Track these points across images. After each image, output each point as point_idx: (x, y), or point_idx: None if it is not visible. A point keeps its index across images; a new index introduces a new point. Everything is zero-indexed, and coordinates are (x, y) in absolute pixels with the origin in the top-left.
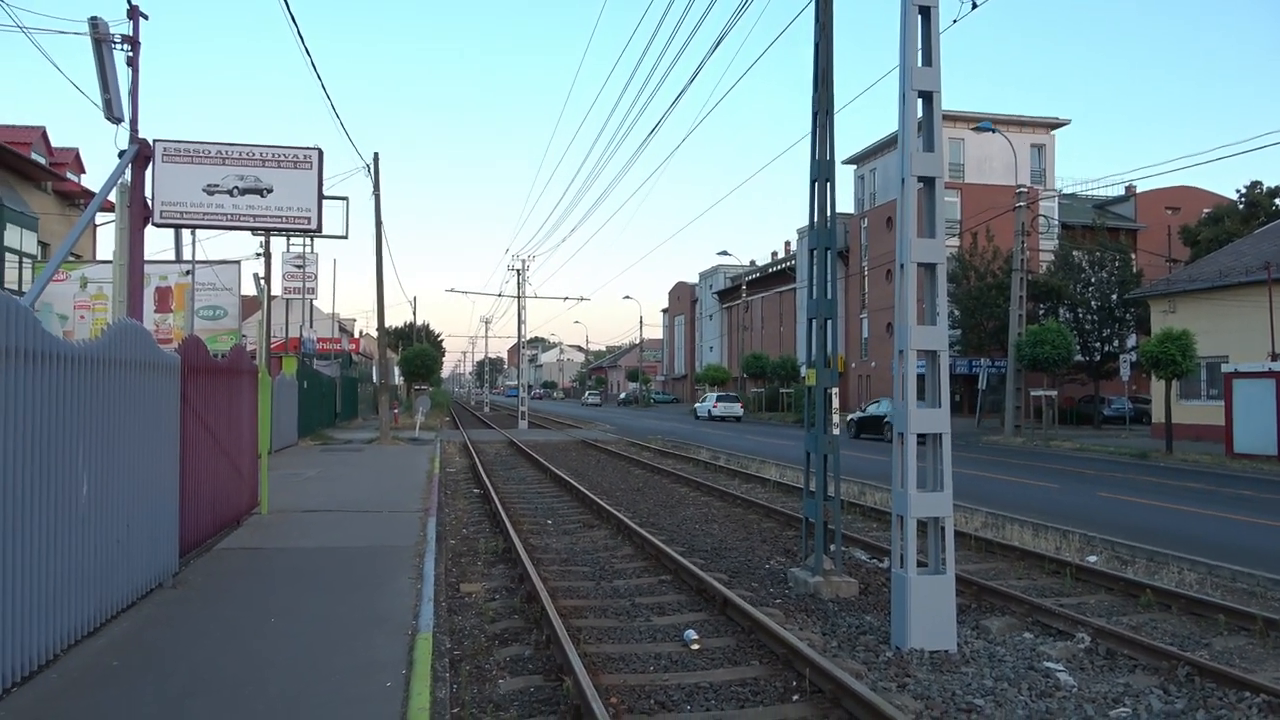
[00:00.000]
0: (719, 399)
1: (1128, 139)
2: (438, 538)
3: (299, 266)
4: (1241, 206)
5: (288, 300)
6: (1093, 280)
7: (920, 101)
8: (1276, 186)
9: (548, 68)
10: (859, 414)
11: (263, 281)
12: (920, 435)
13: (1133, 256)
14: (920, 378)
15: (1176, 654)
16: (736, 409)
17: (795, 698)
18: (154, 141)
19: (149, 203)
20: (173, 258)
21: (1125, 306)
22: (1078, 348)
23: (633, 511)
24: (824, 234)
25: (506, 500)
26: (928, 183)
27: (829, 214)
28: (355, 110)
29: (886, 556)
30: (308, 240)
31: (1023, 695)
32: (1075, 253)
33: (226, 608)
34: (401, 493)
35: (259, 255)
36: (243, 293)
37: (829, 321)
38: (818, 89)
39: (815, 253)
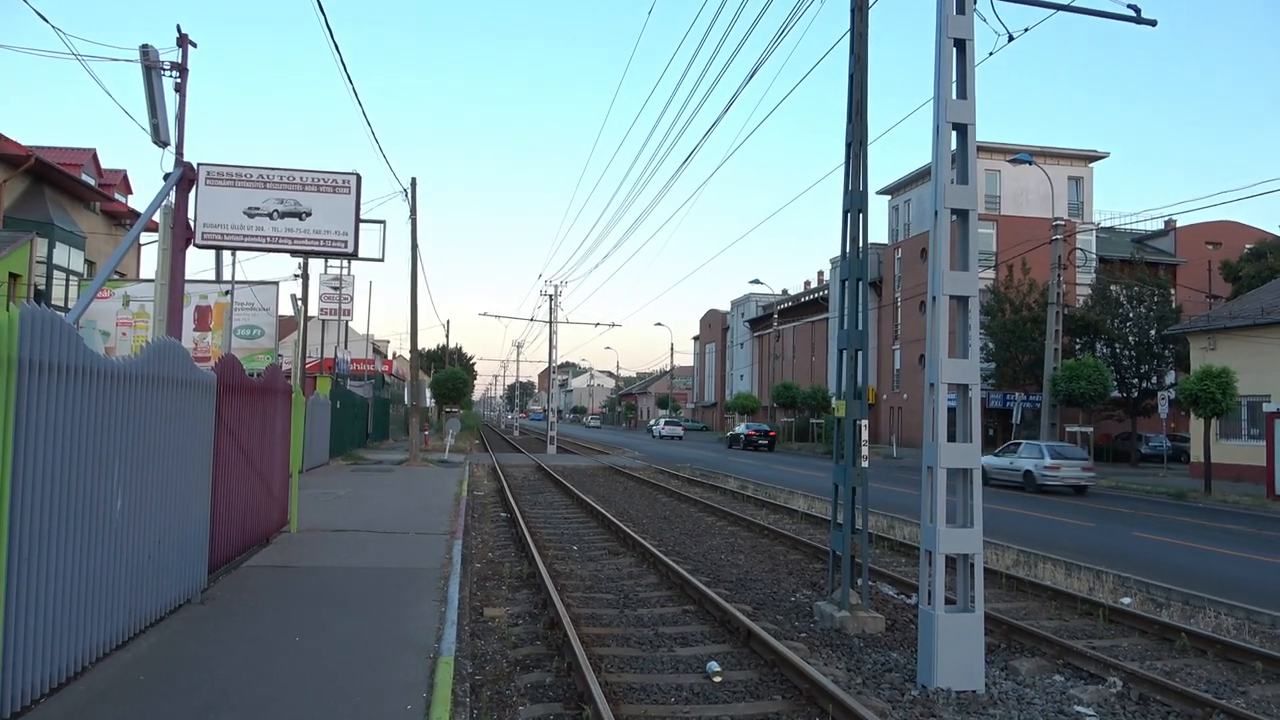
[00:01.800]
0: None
1: (1168, 173)
2: (463, 560)
3: (335, 288)
4: None
5: (323, 321)
6: (1131, 315)
7: (954, 134)
8: None
9: (585, 95)
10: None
11: (299, 302)
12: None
13: (1172, 292)
14: (951, 411)
15: (1212, 701)
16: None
17: None
18: (198, 165)
19: (191, 224)
20: (213, 278)
21: (1164, 342)
22: (1115, 383)
23: (658, 539)
24: (855, 265)
25: (533, 525)
26: (961, 215)
27: (861, 245)
28: (394, 135)
29: (914, 592)
30: (345, 262)
31: None
32: (1113, 287)
33: (253, 625)
34: (429, 514)
35: (297, 277)
36: (280, 313)
37: (859, 353)
38: (851, 120)
39: (847, 283)
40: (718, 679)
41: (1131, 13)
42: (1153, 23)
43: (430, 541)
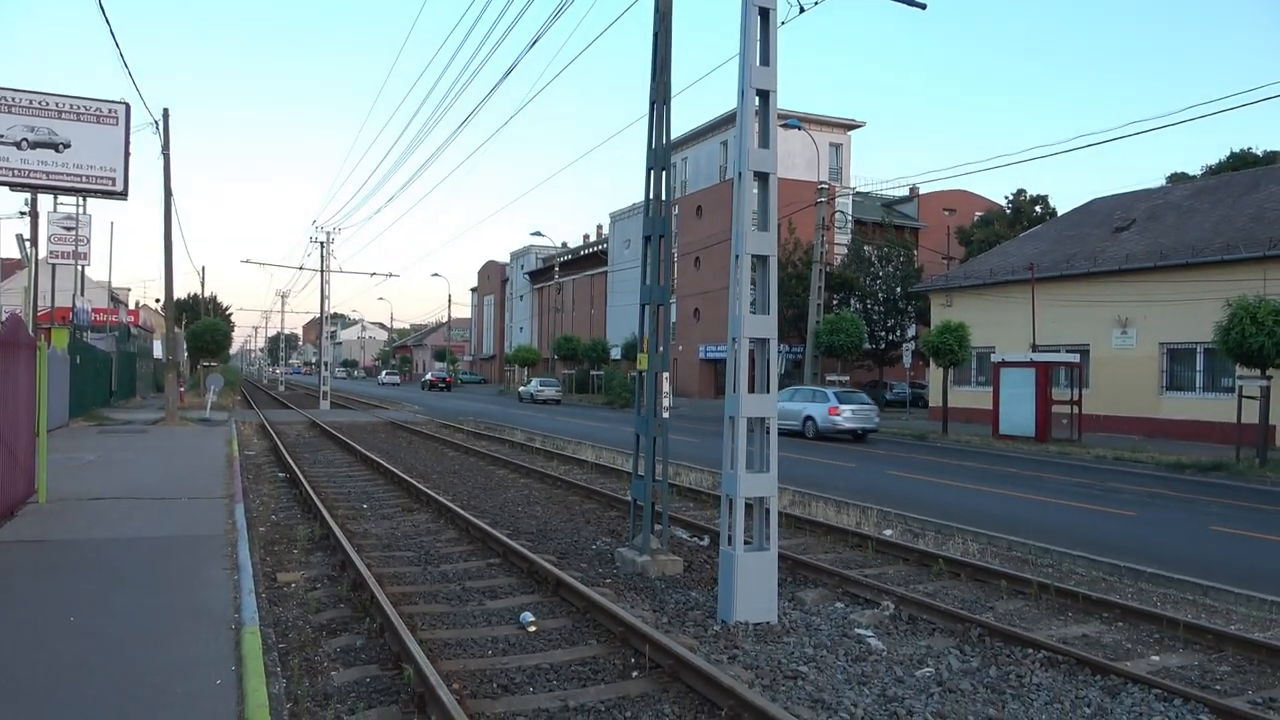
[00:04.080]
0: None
1: (913, 143)
2: (248, 525)
3: (69, 228)
4: (1009, 211)
5: (55, 265)
6: (880, 274)
7: (758, 100)
8: (1037, 195)
9: (369, 38)
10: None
11: (29, 244)
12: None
13: (915, 253)
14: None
15: (968, 617)
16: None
17: (635, 674)
18: None
19: None
20: None
21: (908, 299)
22: (866, 336)
23: (452, 494)
24: (658, 221)
25: (317, 484)
26: (762, 178)
27: (664, 201)
28: (147, 66)
29: (704, 534)
30: (80, 199)
31: (840, 660)
32: (866, 247)
33: (14, 607)
34: (198, 477)
35: (23, 214)
36: (0, 255)
37: (661, 307)
38: (656, 77)
39: (649, 240)
40: (532, 629)
41: None
42: (923, 6)
43: (206, 506)
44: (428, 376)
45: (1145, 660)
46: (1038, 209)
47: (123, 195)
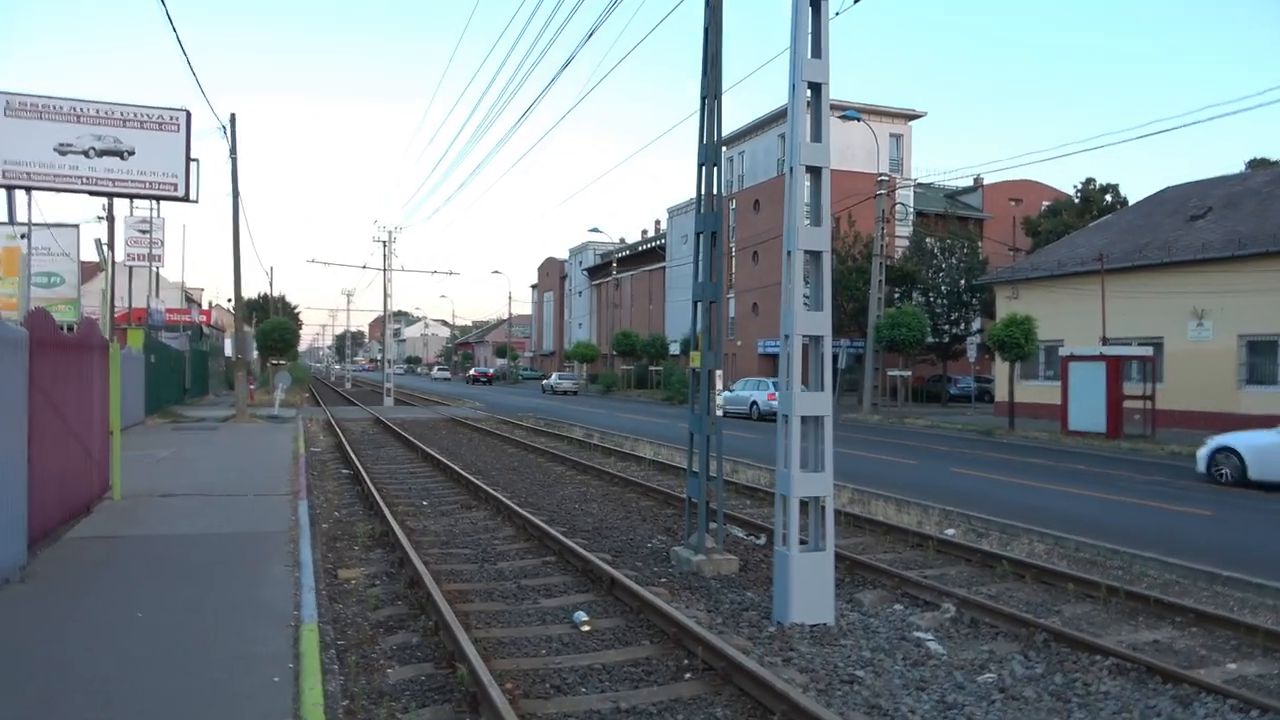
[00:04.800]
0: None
1: (977, 133)
2: (311, 522)
3: (144, 232)
4: (1077, 201)
5: (131, 268)
6: (943, 266)
7: (809, 92)
8: (1107, 184)
9: (426, 36)
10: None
11: (105, 247)
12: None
13: (980, 244)
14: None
15: (1033, 621)
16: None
17: (688, 676)
18: None
19: None
20: (4, 219)
21: (972, 292)
22: (930, 330)
23: (510, 491)
24: (710, 217)
25: (379, 481)
26: (814, 172)
27: (716, 197)
28: (212, 68)
29: (762, 533)
30: (154, 204)
31: (898, 665)
32: (929, 240)
33: (86, 602)
34: (266, 474)
35: (101, 219)
36: (82, 258)
37: (713, 304)
38: (706, 72)
39: (701, 236)
40: (586, 628)
41: None
42: None
43: (272, 503)
44: (471, 372)
45: (1221, 669)
46: (1108, 198)
47: (185, 198)
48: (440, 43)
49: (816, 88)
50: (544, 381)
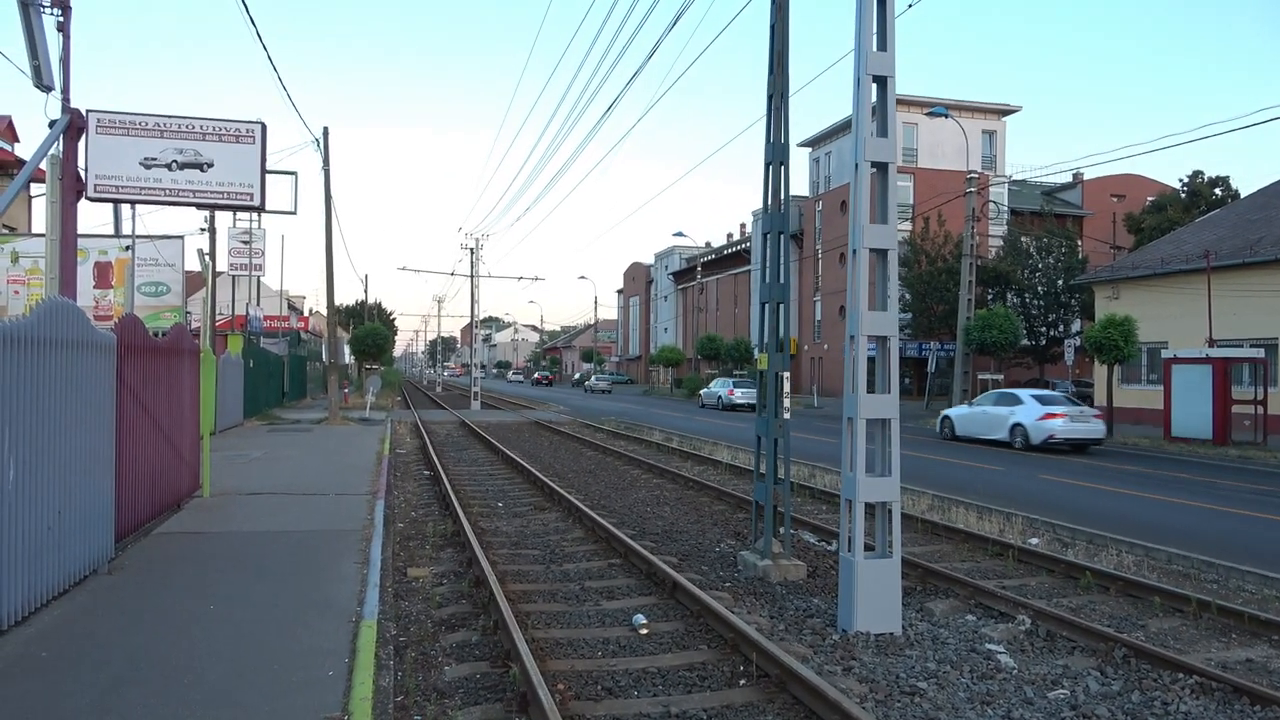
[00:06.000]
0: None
1: (1076, 126)
2: (385, 521)
3: (245, 243)
4: (1184, 195)
5: (234, 277)
6: (1040, 266)
7: (875, 86)
8: (1217, 176)
9: (505, 43)
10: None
11: (207, 258)
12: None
13: (1079, 243)
14: (870, 362)
15: (1113, 636)
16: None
17: (742, 682)
18: (87, 111)
19: (82, 175)
20: (112, 232)
21: (1070, 292)
22: (1024, 332)
23: (584, 494)
24: (777, 217)
25: (457, 482)
26: (880, 168)
27: (783, 197)
28: (304, 83)
29: (834, 539)
30: (254, 216)
31: (964, 678)
32: (1023, 238)
33: (163, 594)
34: (349, 474)
35: (203, 231)
36: (187, 269)
37: (781, 305)
38: (773, 72)
39: (768, 236)
40: (644, 631)
41: None
42: None
43: (351, 502)
44: (535, 376)
45: None
46: (1217, 191)
47: (260, 208)
48: (518, 49)
49: (882, 81)
50: (586, 382)
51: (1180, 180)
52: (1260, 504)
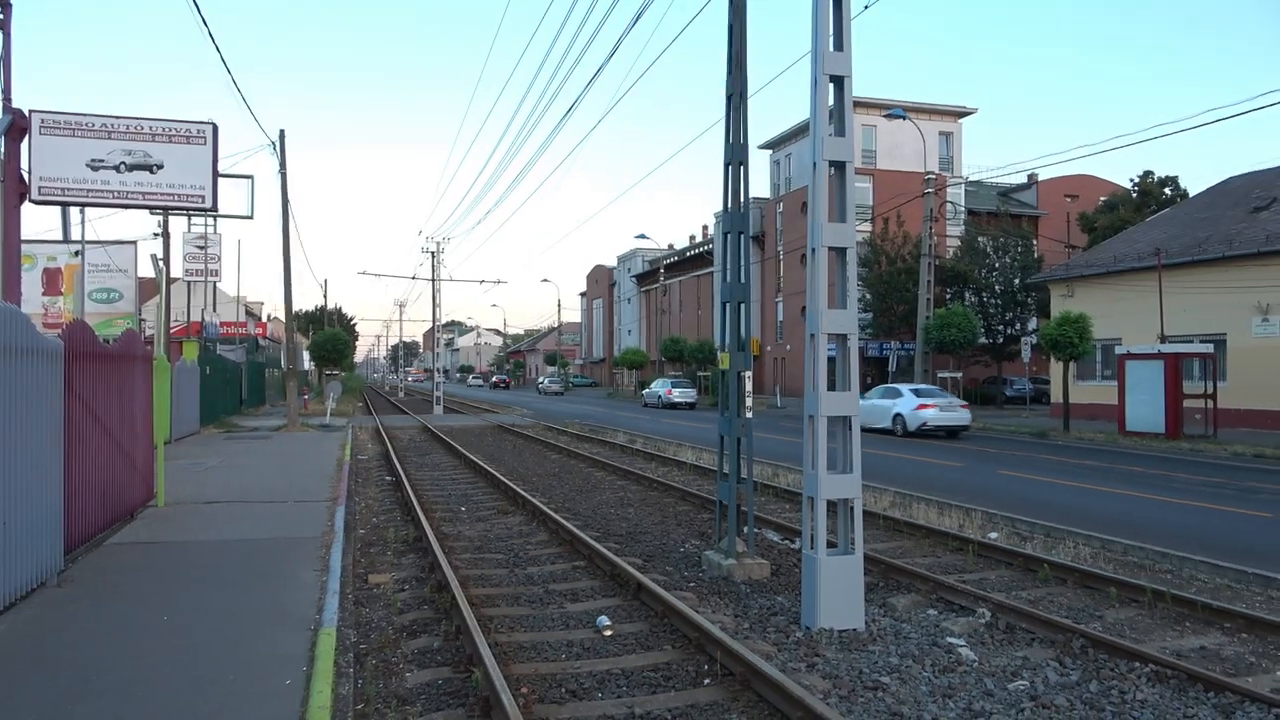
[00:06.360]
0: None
1: (1031, 128)
2: (346, 527)
3: (200, 248)
4: (1135, 195)
5: (189, 283)
6: (996, 265)
7: (832, 86)
8: (1166, 176)
9: (463, 44)
10: None
11: (161, 263)
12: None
13: (1034, 242)
14: (831, 361)
15: (1071, 627)
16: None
17: (707, 681)
18: (30, 112)
19: (25, 178)
20: (60, 237)
21: (1027, 290)
22: (982, 330)
23: (548, 497)
24: (737, 217)
25: (419, 487)
26: (838, 167)
27: (743, 198)
28: (261, 88)
29: (797, 537)
30: (210, 220)
31: (926, 671)
32: (980, 238)
33: (116, 606)
34: (309, 481)
35: (157, 235)
36: (140, 275)
37: (742, 305)
38: (731, 71)
39: (729, 236)
40: (608, 633)
41: None
42: None
43: (311, 509)
44: (493, 379)
45: (1270, 676)
46: (1167, 191)
47: (212, 210)
48: (475, 52)
49: (839, 81)
50: (539, 383)
51: (1131, 180)
52: (1212, 496)
